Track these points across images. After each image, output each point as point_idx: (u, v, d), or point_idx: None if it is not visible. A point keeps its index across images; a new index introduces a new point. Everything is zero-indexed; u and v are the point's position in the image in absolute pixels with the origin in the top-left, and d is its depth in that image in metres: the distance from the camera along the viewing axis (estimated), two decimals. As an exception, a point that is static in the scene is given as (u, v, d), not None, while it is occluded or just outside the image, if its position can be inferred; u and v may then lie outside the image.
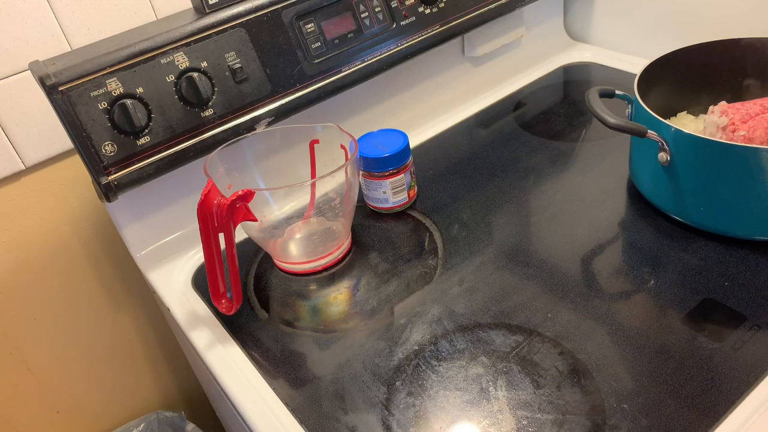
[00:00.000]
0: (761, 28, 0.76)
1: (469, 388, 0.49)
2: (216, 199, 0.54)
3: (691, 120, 0.69)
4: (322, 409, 0.50)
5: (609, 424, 0.45)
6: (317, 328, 0.58)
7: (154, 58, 0.60)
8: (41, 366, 0.82)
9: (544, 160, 0.75)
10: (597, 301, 0.55)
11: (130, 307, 0.87)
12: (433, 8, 0.77)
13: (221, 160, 0.62)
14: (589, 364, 0.49)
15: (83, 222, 0.79)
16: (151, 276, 0.69)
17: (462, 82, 0.91)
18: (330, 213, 0.66)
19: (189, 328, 0.62)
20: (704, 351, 0.49)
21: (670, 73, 0.67)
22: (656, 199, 0.62)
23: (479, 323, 0.55)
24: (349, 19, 0.71)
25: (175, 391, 0.98)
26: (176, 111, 0.62)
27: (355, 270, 0.64)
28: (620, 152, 0.73)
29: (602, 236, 0.62)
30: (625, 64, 0.92)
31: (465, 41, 0.89)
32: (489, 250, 0.63)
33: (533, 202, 0.68)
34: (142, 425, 0.88)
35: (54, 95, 0.56)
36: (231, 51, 0.64)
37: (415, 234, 0.67)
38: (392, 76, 0.83)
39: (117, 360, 0.89)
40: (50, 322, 0.81)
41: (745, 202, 0.55)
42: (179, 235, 0.72)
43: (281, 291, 0.63)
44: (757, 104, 0.59)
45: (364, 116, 0.83)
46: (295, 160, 0.67)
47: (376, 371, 0.52)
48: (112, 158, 0.60)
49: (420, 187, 0.74)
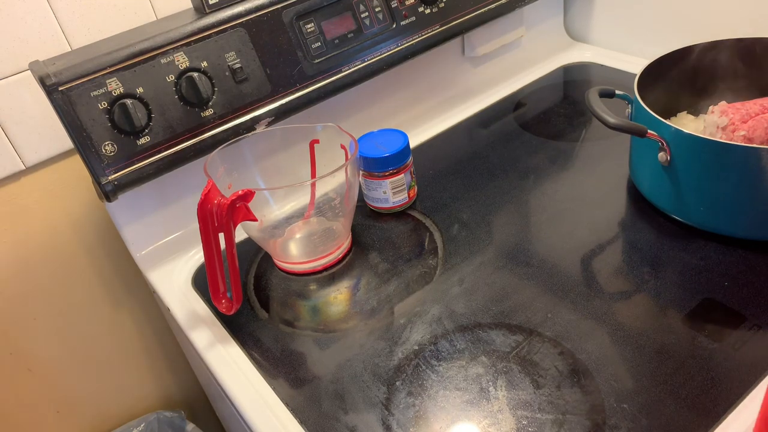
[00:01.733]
0: (761, 28, 0.76)
1: (469, 388, 0.49)
2: (216, 198, 0.54)
3: (691, 120, 0.69)
4: (322, 409, 0.50)
5: (609, 424, 0.45)
6: (317, 328, 0.58)
7: (154, 58, 0.60)
8: (41, 366, 0.82)
9: (544, 160, 0.75)
10: (597, 301, 0.55)
11: (130, 307, 0.87)
12: (433, 8, 0.77)
13: (221, 160, 0.62)
14: (589, 364, 0.49)
15: (83, 222, 0.79)
16: (151, 276, 0.70)
17: (462, 82, 0.91)
18: (330, 213, 0.66)
19: (189, 328, 0.62)
20: (704, 351, 0.49)
21: (670, 73, 0.67)
22: (656, 199, 0.62)
23: (479, 323, 0.55)
24: (349, 19, 0.71)
25: (175, 391, 0.98)
26: (176, 111, 0.62)
27: (355, 270, 0.64)
28: (620, 152, 0.73)
29: (602, 236, 0.62)
30: (625, 64, 0.92)
31: (465, 41, 0.89)
32: (489, 250, 0.63)
33: (533, 202, 0.68)
34: (142, 425, 0.88)
35: (54, 95, 0.56)
36: (231, 51, 0.64)
37: (415, 234, 0.67)
38: (392, 76, 0.83)
39: (117, 360, 0.89)
40: (50, 322, 0.81)
41: (745, 202, 0.55)
42: (179, 235, 0.72)
43: (281, 291, 0.63)
44: (757, 104, 0.59)
45: (364, 116, 0.83)
46: (295, 160, 0.67)
47: (376, 371, 0.52)
48: (112, 158, 0.60)
49: (420, 187, 0.74)
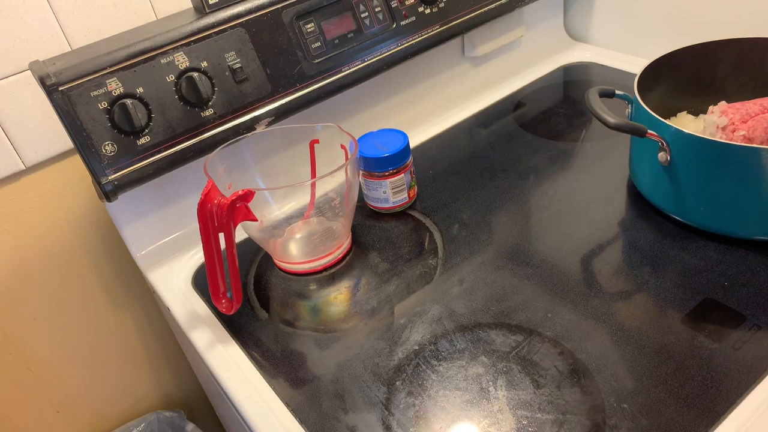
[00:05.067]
0: (760, 28, 0.76)
1: (469, 388, 0.49)
2: (216, 198, 0.54)
3: (691, 120, 0.69)
4: (322, 409, 0.50)
5: (609, 423, 0.45)
6: (317, 328, 0.58)
7: (154, 58, 0.60)
8: (41, 366, 0.82)
9: (544, 160, 0.75)
10: (597, 301, 0.55)
11: (130, 307, 0.87)
12: (433, 8, 0.77)
13: (221, 160, 0.62)
14: (589, 363, 0.49)
15: (83, 222, 0.79)
16: (152, 276, 0.69)
17: (462, 82, 0.91)
18: (330, 213, 0.66)
19: (189, 328, 0.62)
20: (704, 351, 0.49)
21: (670, 73, 0.67)
22: (656, 199, 0.62)
23: (479, 323, 0.55)
24: (349, 19, 0.71)
25: (175, 391, 0.98)
26: (176, 111, 0.62)
27: (355, 270, 0.64)
28: (620, 152, 0.73)
29: (602, 236, 0.62)
30: (625, 64, 0.92)
31: (465, 41, 0.89)
32: (489, 249, 0.63)
33: (533, 202, 0.68)
34: (142, 425, 0.88)
35: (54, 95, 0.56)
36: (231, 51, 0.64)
37: (415, 234, 0.67)
38: (392, 76, 0.83)
39: (117, 360, 0.89)
40: (50, 322, 0.81)
41: (745, 202, 0.55)
42: (179, 235, 0.72)
43: (281, 291, 0.63)
44: (757, 104, 0.59)
45: (364, 116, 0.83)
46: (295, 160, 0.67)
47: (376, 371, 0.52)
48: (112, 158, 0.60)
49: (420, 187, 0.74)
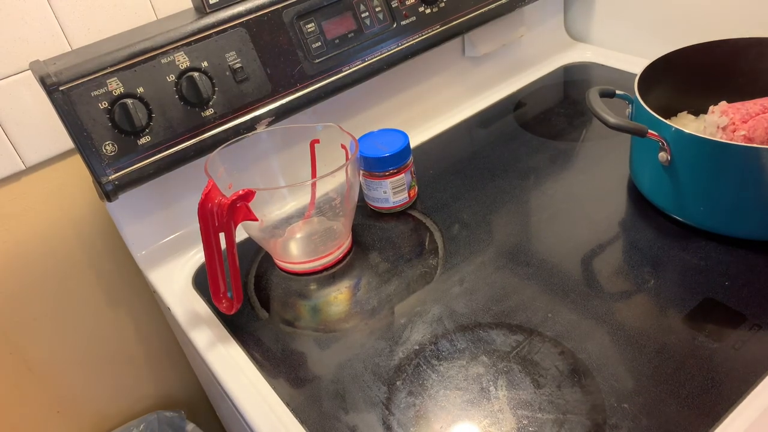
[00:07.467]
0: (761, 28, 0.76)
1: (469, 388, 0.49)
2: (216, 198, 0.54)
3: (691, 120, 0.69)
4: (323, 409, 0.50)
5: (609, 423, 0.45)
6: (318, 328, 0.58)
7: (155, 57, 0.60)
8: (41, 366, 0.82)
9: (545, 160, 0.75)
10: (597, 301, 0.55)
11: (131, 307, 0.87)
12: (434, 8, 0.77)
13: (222, 160, 0.62)
14: (590, 363, 0.50)
15: (83, 222, 0.79)
16: (152, 275, 0.69)
17: (462, 82, 0.91)
18: (330, 213, 0.66)
19: (189, 328, 0.62)
20: (704, 351, 0.49)
21: (670, 73, 0.67)
22: (656, 199, 0.62)
23: (480, 323, 0.55)
24: (350, 18, 0.71)
25: (175, 391, 0.98)
26: (177, 111, 0.62)
27: (356, 270, 0.64)
28: (620, 152, 0.73)
29: (602, 236, 0.62)
30: (625, 64, 0.92)
31: (465, 41, 0.89)
32: (489, 249, 0.63)
33: (533, 202, 0.68)
34: (142, 425, 0.88)
35: (54, 95, 0.56)
36: (231, 51, 0.64)
37: (415, 234, 0.67)
38: (392, 76, 0.83)
39: (117, 360, 0.89)
40: (50, 322, 0.81)
41: (745, 202, 0.55)
42: (180, 235, 0.72)
43: (282, 291, 0.63)
44: (757, 104, 0.59)
45: (364, 116, 0.83)
46: (295, 160, 0.67)
47: (377, 371, 0.52)
48: (112, 158, 0.60)
49: (420, 187, 0.74)
